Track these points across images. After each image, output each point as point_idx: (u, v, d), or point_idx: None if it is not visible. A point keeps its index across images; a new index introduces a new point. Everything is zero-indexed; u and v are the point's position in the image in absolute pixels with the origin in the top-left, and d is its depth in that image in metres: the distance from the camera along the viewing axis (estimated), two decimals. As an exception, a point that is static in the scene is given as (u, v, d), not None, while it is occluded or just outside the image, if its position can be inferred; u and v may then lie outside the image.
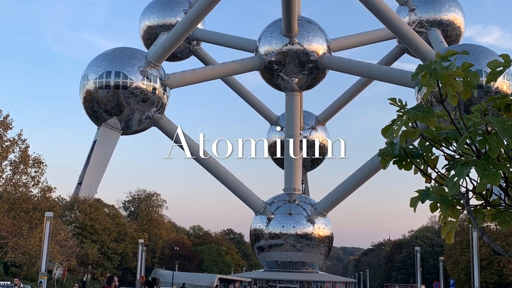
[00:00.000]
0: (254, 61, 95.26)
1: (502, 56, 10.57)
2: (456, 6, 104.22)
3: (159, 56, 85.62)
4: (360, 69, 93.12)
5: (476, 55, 71.99)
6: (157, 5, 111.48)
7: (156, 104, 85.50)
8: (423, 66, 10.29)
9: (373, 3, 79.57)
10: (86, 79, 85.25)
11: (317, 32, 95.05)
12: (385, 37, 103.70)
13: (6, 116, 77.26)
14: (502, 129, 9.96)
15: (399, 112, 10.67)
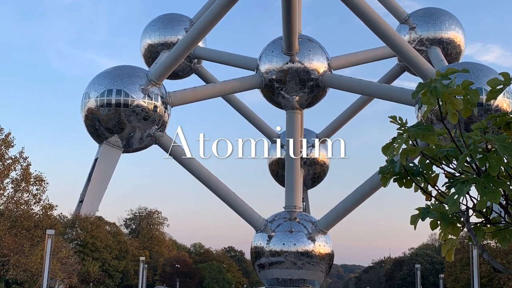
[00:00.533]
0: (255, 79, 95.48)
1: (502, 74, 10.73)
2: (456, 25, 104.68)
3: (160, 74, 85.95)
4: (361, 87, 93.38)
5: (476, 73, 72.22)
6: (158, 24, 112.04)
7: (157, 122, 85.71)
8: (423, 84, 10.45)
9: (373, 21, 79.96)
10: (88, 97, 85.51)
11: (318, 50, 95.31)
12: (386, 55, 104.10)
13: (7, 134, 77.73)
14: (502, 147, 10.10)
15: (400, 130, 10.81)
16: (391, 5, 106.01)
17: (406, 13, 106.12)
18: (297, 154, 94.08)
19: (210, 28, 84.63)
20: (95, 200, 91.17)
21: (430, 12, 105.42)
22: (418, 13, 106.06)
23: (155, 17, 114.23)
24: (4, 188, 77.99)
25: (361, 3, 79.89)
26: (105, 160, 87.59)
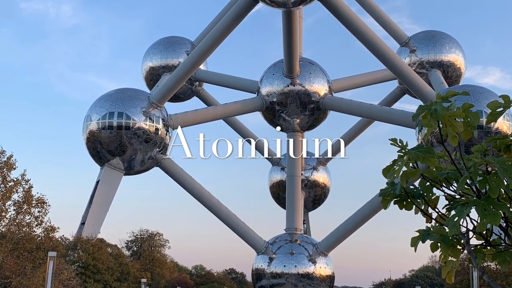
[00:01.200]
0: (256, 102, 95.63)
1: (502, 97, 10.81)
2: (456, 48, 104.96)
3: (162, 97, 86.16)
4: (361, 109, 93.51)
5: (476, 96, 72.35)
6: (159, 47, 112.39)
7: (158, 145, 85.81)
8: (423, 107, 10.53)
9: (374, 44, 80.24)
10: (89, 119, 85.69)
11: (319, 73, 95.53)
12: (386, 78, 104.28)
13: (9, 156, 77.81)
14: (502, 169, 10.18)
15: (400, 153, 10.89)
16: (392, 28, 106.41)
17: (407, 36, 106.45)
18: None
19: (212, 51, 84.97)
20: (97, 222, 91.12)
21: (431, 35, 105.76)
22: (419, 36, 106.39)
23: (157, 40, 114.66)
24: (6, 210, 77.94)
25: (362, 26, 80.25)
26: (106, 183, 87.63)
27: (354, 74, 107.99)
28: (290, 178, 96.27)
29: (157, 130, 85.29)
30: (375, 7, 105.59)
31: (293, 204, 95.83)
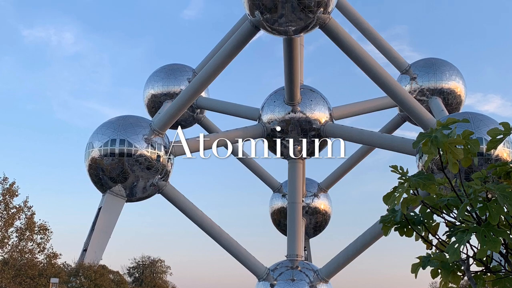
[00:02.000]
0: (257, 129, 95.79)
1: (502, 124, 10.93)
2: (457, 75, 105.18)
3: (163, 124, 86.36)
4: (362, 137, 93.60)
5: (476, 123, 72.45)
6: (161, 74, 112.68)
7: (160, 172, 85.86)
8: (424, 134, 10.65)
9: (375, 72, 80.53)
10: (91, 146, 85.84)
11: (320, 101, 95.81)
12: (387, 105, 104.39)
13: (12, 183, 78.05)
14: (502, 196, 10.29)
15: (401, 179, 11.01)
16: (392, 56, 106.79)
17: (407, 64, 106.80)
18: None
19: (213, 78, 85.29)
20: (99, 248, 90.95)
21: (431, 63, 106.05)
22: (419, 64, 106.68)
23: (158, 68, 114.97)
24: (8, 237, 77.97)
25: (363, 53, 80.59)
26: (108, 209, 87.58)
27: (355, 102, 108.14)
28: (291, 205, 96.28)
29: (158, 157, 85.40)
30: (375, 35, 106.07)
31: (294, 230, 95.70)
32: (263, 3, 73.35)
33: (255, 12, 74.57)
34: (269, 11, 73.63)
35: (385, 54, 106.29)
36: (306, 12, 73.29)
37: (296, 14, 73.63)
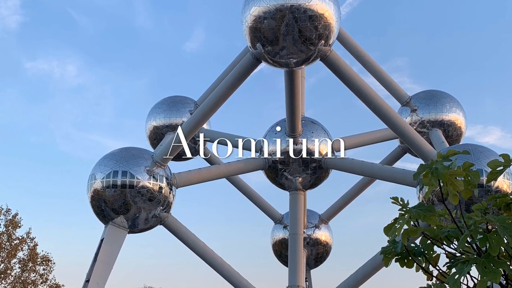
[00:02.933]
0: (259, 161, 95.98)
1: (502, 156, 11.21)
2: (457, 107, 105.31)
3: (165, 156, 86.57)
4: (363, 168, 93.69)
5: (476, 155, 72.54)
6: (163, 106, 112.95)
7: (162, 203, 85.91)
8: (424, 166, 10.93)
9: (376, 104, 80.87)
10: (94, 178, 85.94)
11: (321, 132, 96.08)
12: (388, 137, 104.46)
13: (15, 215, 78.28)
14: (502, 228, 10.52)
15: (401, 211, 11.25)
16: (393, 88, 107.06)
17: (408, 96, 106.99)
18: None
19: (215, 110, 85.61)
20: (101, 280, 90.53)
21: (431, 95, 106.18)
22: (420, 96, 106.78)
23: (160, 100, 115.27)
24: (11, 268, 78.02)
25: (364, 86, 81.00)
26: (110, 241, 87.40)
27: (356, 133, 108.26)
28: (292, 236, 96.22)
29: (160, 188, 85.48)
30: (376, 67, 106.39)
31: (295, 261, 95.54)
32: (265, 35, 73.95)
33: (257, 44, 75.15)
34: (270, 44, 74.20)
35: (385, 86, 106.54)
36: (308, 44, 73.84)
37: (298, 47, 74.16)
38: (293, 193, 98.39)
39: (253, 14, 74.59)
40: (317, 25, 73.62)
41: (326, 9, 74.23)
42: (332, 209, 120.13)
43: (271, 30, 73.75)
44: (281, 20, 73.02)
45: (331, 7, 74.86)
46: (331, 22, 74.82)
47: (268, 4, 73.52)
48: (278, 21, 73.20)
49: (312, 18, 73.52)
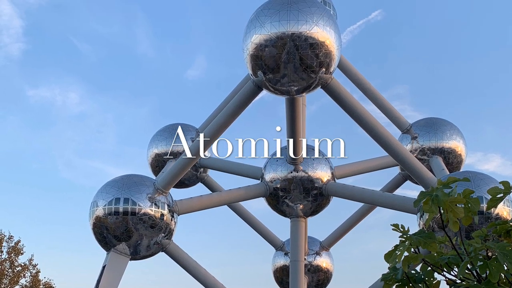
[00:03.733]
0: (260, 188, 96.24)
1: (502, 183, 11.44)
2: (457, 135, 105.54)
3: (167, 183, 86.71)
4: (364, 195, 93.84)
5: (477, 182, 72.68)
6: (165, 133, 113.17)
7: (164, 230, 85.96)
8: (425, 193, 11.17)
9: (376, 132, 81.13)
10: (96, 205, 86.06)
11: (322, 160, 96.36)
12: (388, 164, 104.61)
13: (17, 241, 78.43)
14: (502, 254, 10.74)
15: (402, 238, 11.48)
16: (394, 115, 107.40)
17: (408, 123, 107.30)
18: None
19: (216, 137, 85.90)
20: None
21: (432, 122, 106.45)
22: (420, 123, 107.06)
23: (162, 127, 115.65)
24: (14, 295, 77.99)
25: (364, 113, 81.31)
26: (112, 267, 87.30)
27: (357, 161, 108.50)
28: (293, 263, 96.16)
29: (162, 215, 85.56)
30: (377, 94, 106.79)
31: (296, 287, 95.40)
32: (266, 63, 74.34)
33: (258, 72, 75.50)
34: (271, 71, 74.55)
35: (386, 113, 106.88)
36: (308, 72, 74.19)
37: (299, 74, 74.51)
38: (294, 220, 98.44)
39: (254, 42, 75.05)
40: (318, 53, 73.98)
41: (327, 37, 74.66)
42: (333, 236, 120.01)
43: (272, 58, 74.14)
44: (282, 48, 73.42)
45: (332, 35, 75.31)
46: (332, 50, 75.23)
47: (269, 32, 74.00)
48: (279, 49, 73.60)
49: (313, 46, 73.90)
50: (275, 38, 74.27)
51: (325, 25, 75.19)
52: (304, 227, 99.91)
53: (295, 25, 73.82)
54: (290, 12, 74.62)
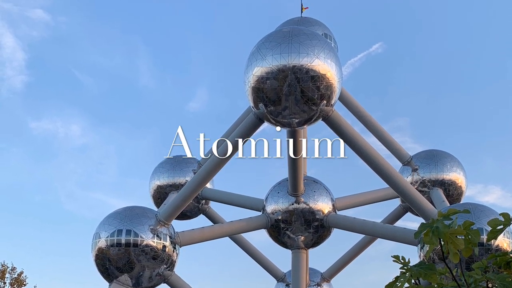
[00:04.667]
0: (261, 219, 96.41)
1: (502, 215, 11.76)
2: (457, 167, 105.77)
3: (169, 215, 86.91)
4: (364, 227, 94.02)
5: (477, 214, 72.85)
6: (166, 165, 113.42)
7: (166, 262, 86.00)
8: (425, 225, 11.48)
9: (377, 164, 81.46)
10: (98, 237, 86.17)
11: (323, 192, 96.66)
12: (389, 196, 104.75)
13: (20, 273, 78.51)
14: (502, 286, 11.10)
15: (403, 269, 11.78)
16: (394, 147, 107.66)
17: (409, 155, 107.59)
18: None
19: (217, 170, 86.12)
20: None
21: (432, 154, 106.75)
22: (420, 155, 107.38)
23: (164, 159, 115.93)
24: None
25: (365, 145, 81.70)
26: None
27: (358, 193, 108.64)
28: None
29: (164, 247, 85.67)
30: (378, 127, 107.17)
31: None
32: (267, 95, 74.77)
33: (259, 104, 75.91)
34: (273, 104, 74.96)
35: (387, 145, 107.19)
36: (310, 104, 74.62)
37: (300, 107, 74.88)
38: (295, 251, 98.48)
39: (255, 74, 75.52)
40: (319, 85, 74.41)
41: (328, 70, 75.16)
42: (334, 268, 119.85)
43: (273, 91, 74.55)
44: (284, 80, 73.86)
45: (333, 67, 75.80)
46: (333, 82, 75.70)
47: (271, 64, 74.49)
48: (280, 82, 74.04)
49: (314, 79, 74.34)
50: (277, 71, 74.72)
51: (326, 57, 75.77)
52: (305, 258, 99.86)
53: (296, 58, 74.40)
54: (291, 45, 75.21)
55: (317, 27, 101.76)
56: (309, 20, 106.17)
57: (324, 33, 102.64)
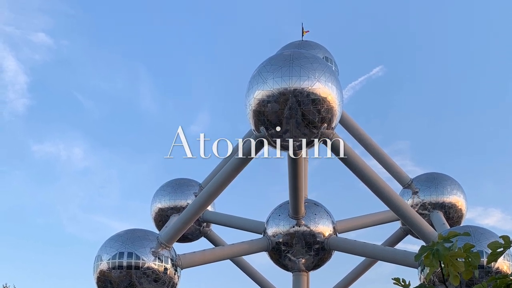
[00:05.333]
0: (262, 242, 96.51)
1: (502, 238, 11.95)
2: (458, 189, 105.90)
3: (170, 237, 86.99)
4: (365, 250, 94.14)
5: (477, 237, 72.97)
6: (168, 188, 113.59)
7: (167, 284, 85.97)
8: (426, 247, 11.70)
9: (378, 187, 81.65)
10: (100, 259, 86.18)
11: (323, 214, 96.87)
12: (389, 219, 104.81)
13: (21, 296, 78.37)
14: (502, 308, 11.24)
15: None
16: (395, 170, 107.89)
17: (409, 178, 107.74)
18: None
19: (219, 192, 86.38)
20: None
21: (432, 177, 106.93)
22: (421, 178, 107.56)
23: (165, 182, 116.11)
24: None
25: (366, 169, 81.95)
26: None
27: (358, 215, 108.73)
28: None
29: (166, 269, 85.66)
30: (378, 150, 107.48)
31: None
32: (268, 119, 75.08)
33: (260, 127, 76.22)
34: (274, 127, 75.24)
35: (387, 168, 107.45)
36: (310, 127, 74.88)
37: (301, 130, 75.16)
38: (296, 274, 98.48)
39: (256, 97, 75.90)
40: (320, 108, 74.75)
41: (328, 93, 75.54)
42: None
43: (274, 114, 74.91)
44: (285, 103, 74.21)
45: (333, 90, 76.18)
46: (334, 105, 76.08)
47: (272, 88, 74.86)
48: (281, 105, 74.39)
49: (315, 102, 74.71)
50: (278, 94, 75.13)
51: (327, 81, 76.18)
52: (306, 281, 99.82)
53: (297, 81, 74.81)
54: (292, 68, 75.64)
55: (318, 51, 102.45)
56: (310, 44, 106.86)
57: (325, 56, 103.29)
